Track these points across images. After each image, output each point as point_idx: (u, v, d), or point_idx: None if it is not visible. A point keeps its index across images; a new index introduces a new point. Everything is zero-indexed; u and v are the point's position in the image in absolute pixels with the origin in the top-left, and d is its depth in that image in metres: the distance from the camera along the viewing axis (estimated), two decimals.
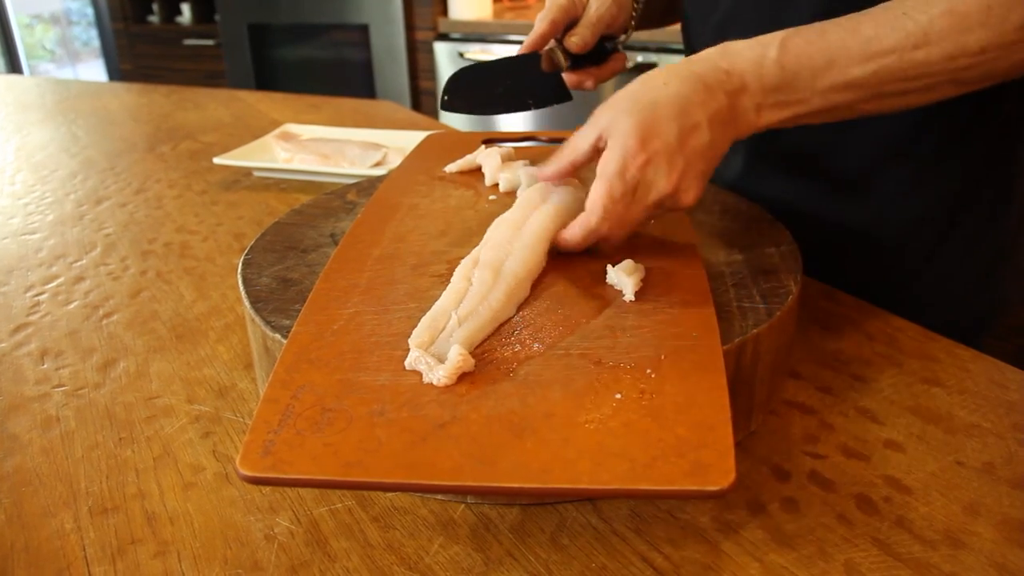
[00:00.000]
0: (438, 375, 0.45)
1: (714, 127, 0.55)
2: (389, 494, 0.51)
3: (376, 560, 0.46)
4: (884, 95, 0.56)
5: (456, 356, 0.45)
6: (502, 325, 0.51)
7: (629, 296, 0.53)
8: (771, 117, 0.57)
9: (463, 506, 0.50)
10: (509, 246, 0.57)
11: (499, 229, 0.60)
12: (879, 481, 0.51)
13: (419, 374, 0.46)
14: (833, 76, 0.55)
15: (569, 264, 0.59)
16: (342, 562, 0.46)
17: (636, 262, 0.57)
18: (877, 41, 0.54)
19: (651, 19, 0.91)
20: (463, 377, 0.46)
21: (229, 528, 0.49)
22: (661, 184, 0.55)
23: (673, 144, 0.54)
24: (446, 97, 0.80)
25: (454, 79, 0.80)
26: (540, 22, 0.80)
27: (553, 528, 0.48)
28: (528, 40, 0.81)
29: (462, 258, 0.57)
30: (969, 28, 0.53)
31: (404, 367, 0.46)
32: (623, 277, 0.54)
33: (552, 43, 0.81)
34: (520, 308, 0.53)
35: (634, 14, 0.83)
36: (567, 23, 0.81)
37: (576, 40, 0.81)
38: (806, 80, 0.56)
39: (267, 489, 0.52)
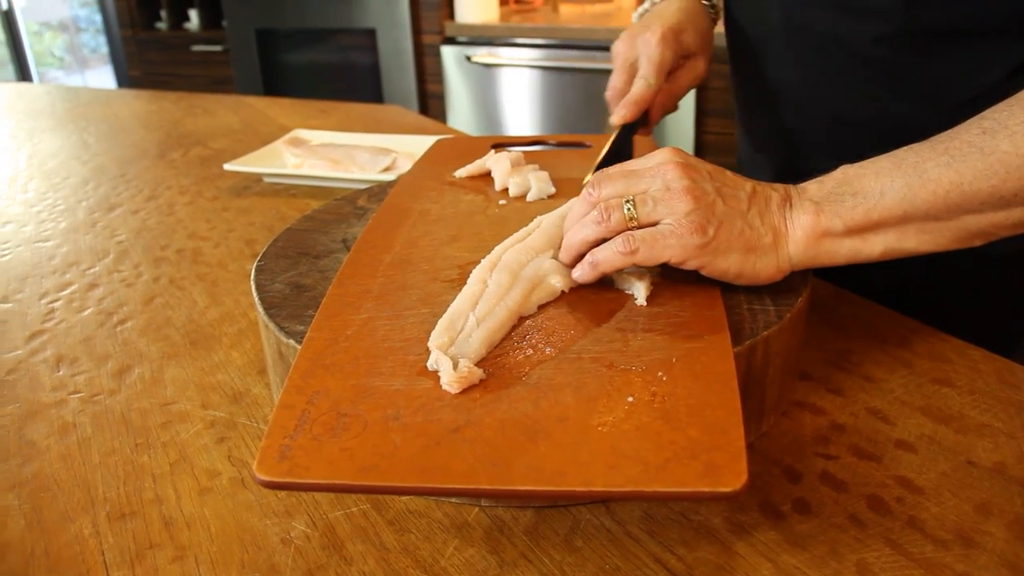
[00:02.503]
0: (445, 380, 0.45)
1: (754, 198, 0.55)
2: (404, 498, 0.51)
3: (392, 563, 0.46)
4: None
5: (463, 368, 0.45)
6: (514, 329, 0.52)
7: (641, 300, 0.54)
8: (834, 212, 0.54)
9: (477, 509, 0.50)
10: (530, 252, 0.58)
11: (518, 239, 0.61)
12: (890, 481, 0.51)
13: (432, 379, 0.46)
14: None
15: None
16: (358, 565, 0.46)
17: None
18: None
19: None
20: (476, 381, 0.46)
21: (246, 532, 0.49)
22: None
23: (711, 189, 0.54)
24: None
25: None
26: (647, 85, 0.78)
27: (567, 530, 0.48)
28: (634, 107, 0.79)
29: (473, 263, 0.58)
30: None
31: (417, 372, 0.47)
32: (634, 281, 0.55)
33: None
34: (532, 313, 0.54)
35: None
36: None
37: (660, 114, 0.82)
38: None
39: (283, 493, 0.52)
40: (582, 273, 0.56)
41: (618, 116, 0.80)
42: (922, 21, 0.69)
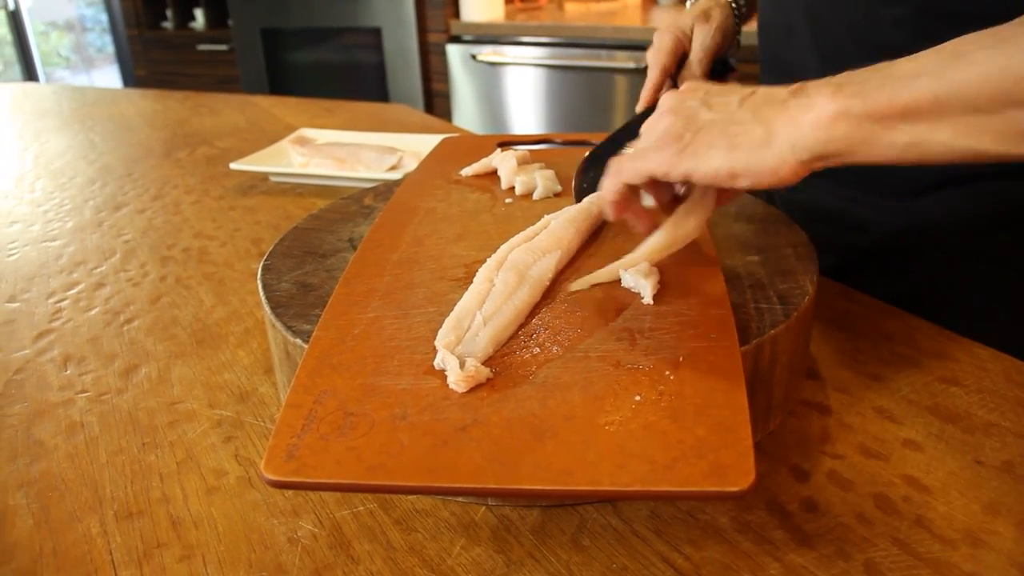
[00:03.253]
0: (452, 379, 0.45)
1: (750, 97, 0.51)
2: (411, 497, 0.51)
3: (399, 562, 0.46)
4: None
5: (470, 367, 0.45)
6: (521, 328, 0.52)
7: (647, 299, 0.54)
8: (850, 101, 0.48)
9: (484, 508, 0.50)
10: (536, 252, 0.58)
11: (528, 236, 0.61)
12: (898, 481, 0.51)
13: (439, 378, 0.46)
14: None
15: (587, 267, 0.59)
16: (365, 564, 0.46)
17: (652, 265, 0.57)
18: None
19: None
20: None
21: (253, 531, 0.49)
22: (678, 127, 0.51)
23: (696, 103, 0.52)
24: (584, 185, 0.72)
25: (588, 165, 0.75)
26: (652, 70, 0.82)
27: (574, 529, 0.48)
28: (645, 95, 0.83)
29: (480, 261, 0.58)
30: None
31: (424, 371, 0.47)
32: (641, 280, 0.55)
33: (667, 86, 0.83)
34: (538, 311, 0.54)
35: (737, 33, 0.86)
36: (678, 63, 0.83)
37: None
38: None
39: (290, 493, 0.52)
40: (606, 212, 0.57)
41: (639, 107, 0.84)
42: (938, 1, 0.69)
